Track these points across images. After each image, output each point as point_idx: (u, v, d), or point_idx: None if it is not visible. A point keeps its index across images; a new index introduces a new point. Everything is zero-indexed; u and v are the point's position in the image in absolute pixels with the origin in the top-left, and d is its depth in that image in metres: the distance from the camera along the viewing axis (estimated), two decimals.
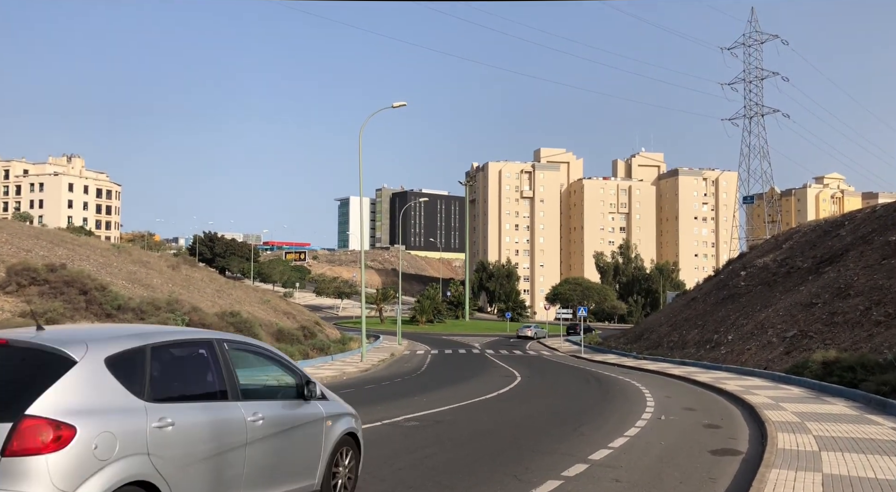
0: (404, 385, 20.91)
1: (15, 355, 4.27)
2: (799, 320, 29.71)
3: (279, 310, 47.48)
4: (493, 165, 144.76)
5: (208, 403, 5.04)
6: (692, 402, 17.04)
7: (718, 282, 48.77)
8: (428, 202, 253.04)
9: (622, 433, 11.25)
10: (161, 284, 35.92)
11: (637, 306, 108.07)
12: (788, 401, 16.08)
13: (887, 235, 33.82)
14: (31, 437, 3.79)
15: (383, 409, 13.68)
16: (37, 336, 4.45)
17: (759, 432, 11.93)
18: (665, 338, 43.84)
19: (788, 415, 13.46)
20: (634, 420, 13.03)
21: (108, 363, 4.37)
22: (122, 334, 4.83)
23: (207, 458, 4.81)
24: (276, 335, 37.52)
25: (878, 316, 25.35)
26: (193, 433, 4.73)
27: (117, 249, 41.21)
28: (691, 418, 13.70)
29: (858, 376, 18.27)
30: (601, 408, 15.20)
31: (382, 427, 11.04)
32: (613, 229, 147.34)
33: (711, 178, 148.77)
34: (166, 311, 27.36)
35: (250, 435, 5.22)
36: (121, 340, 4.65)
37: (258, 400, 5.50)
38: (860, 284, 29.45)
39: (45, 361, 4.19)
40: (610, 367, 33.31)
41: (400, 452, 9.06)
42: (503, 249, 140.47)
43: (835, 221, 45.85)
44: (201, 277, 44.45)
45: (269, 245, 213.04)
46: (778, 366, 25.30)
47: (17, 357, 4.28)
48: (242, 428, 5.16)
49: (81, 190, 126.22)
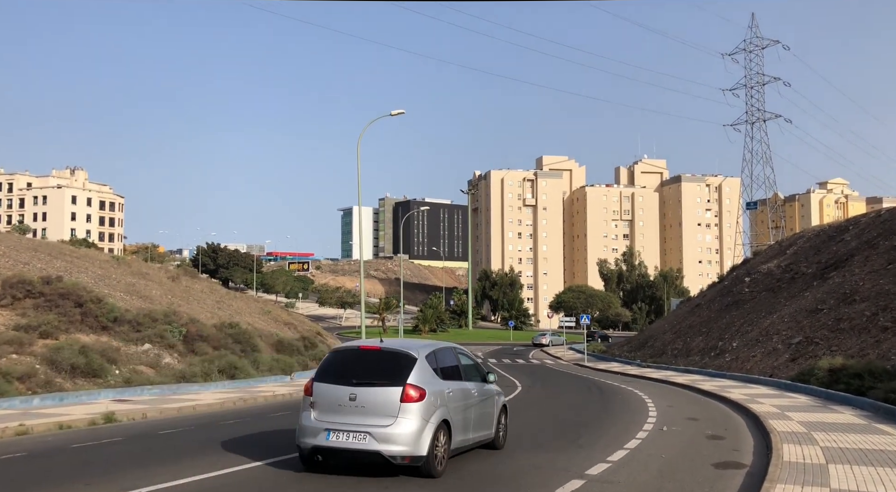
0: None
1: (387, 355, 8.36)
2: (804, 327, 29.27)
3: (280, 320, 47.12)
4: (496, 173, 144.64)
5: (457, 381, 9.16)
6: (695, 411, 16.65)
7: (722, 288, 48.31)
8: (431, 211, 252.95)
9: (622, 445, 10.88)
10: (160, 296, 35.64)
11: (641, 314, 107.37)
12: (794, 410, 15.68)
13: (893, 240, 33.40)
14: (410, 394, 7.88)
15: None
16: (387, 345, 8.56)
17: (765, 444, 11.55)
18: (669, 345, 43.38)
19: (794, 425, 13.07)
20: (635, 431, 12.66)
21: (426, 359, 8.54)
22: (422, 344, 8.94)
23: (461, 410, 8.95)
24: (276, 346, 37.16)
25: (885, 321, 24.91)
26: (457, 396, 8.89)
27: (117, 261, 40.99)
28: (694, 429, 13.32)
29: (866, 384, 17.88)
30: (601, 418, 14.82)
31: None
32: (617, 237, 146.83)
33: (714, 184, 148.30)
34: (163, 322, 27.06)
35: (472, 400, 9.36)
36: (425, 347, 8.80)
37: (471, 381, 9.63)
38: (866, 290, 29.02)
39: (404, 358, 8.26)
40: (613, 375, 32.88)
41: None
42: (506, 257, 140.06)
43: (839, 225, 45.43)
44: (201, 288, 44.15)
45: (273, 256, 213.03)
46: (783, 373, 24.87)
47: (389, 356, 8.36)
48: (470, 395, 9.36)
49: (85, 202, 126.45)
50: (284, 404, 17.72)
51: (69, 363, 18.36)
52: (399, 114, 31.55)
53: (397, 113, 31.52)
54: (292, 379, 25.84)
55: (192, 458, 9.24)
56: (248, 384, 22.35)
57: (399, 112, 31.54)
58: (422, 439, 7.87)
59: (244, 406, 16.59)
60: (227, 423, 13.24)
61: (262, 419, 14.02)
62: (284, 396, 19.29)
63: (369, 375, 8.16)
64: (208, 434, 11.72)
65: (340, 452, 7.92)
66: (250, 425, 12.94)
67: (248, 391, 19.80)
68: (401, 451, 7.78)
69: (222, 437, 11.19)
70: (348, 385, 8.06)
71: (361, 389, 8.01)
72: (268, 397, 18.45)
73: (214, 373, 23.22)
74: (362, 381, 8.06)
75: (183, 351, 26.31)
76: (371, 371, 8.23)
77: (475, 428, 9.34)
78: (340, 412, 7.99)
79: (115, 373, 20.12)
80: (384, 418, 7.85)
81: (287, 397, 19.24)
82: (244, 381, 22.99)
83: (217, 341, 29.24)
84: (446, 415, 8.39)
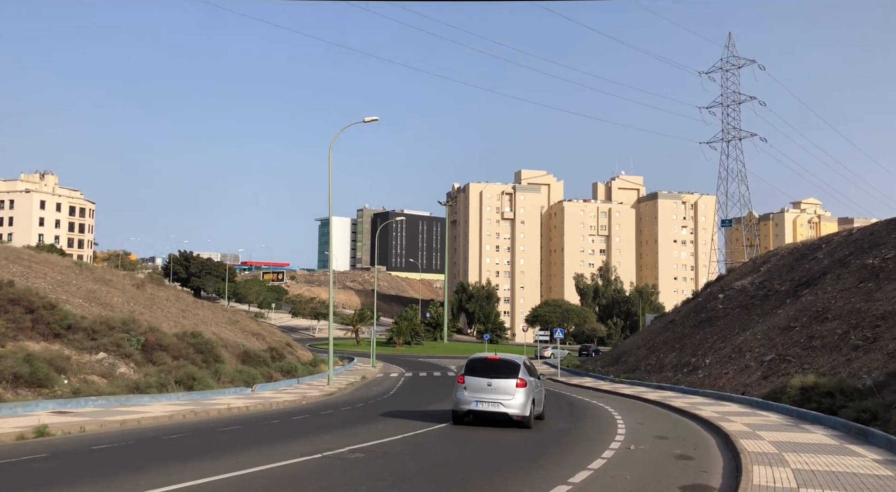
0: (365, 410, 19.81)
1: (505, 362, 15.25)
2: (777, 344, 29.09)
3: (248, 331, 46.04)
4: (475, 186, 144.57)
5: (534, 378, 16.19)
6: (665, 429, 16.15)
7: (696, 304, 48.26)
8: (410, 223, 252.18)
9: (586, 466, 10.31)
10: (122, 304, 34.49)
11: (616, 328, 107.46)
12: (766, 429, 15.26)
13: (864, 259, 33.51)
14: (520, 383, 14.83)
15: (331, 438, 12.59)
16: (502, 356, 15.71)
17: (734, 464, 11.06)
18: (643, 361, 43.08)
19: (765, 445, 12.62)
20: (602, 450, 12.10)
21: (523, 364, 15.51)
22: (519, 357, 15.99)
23: (537, 393, 16.03)
24: (242, 357, 36.15)
25: (856, 340, 24.78)
26: (534, 385, 15.78)
27: (79, 267, 39.71)
28: (663, 448, 12.80)
29: (837, 403, 17.61)
30: (570, 438, 14.25)
31: (321, 461, 9.95)
32: (594, 252, 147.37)
33: (690, 201, 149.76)
34: (121, 330, 26.03)
35: (539, 388, 16.66)
36: (521, 358, 15.89)
37: (536, 378, 16.33)
38: (838, 308, 28.96)
39: (514, 363, 15.19)
40: (585, 390, 32.39)
41: (331, 490, 8.03)
42: (484, 270, 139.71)
43: (812, 244, 45.68)
44: (167, 296, 42.95)
45: (248, 265, 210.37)
46: (756, 391, 24.58)
47: (506, 362, 15.23)
48: (538, 385, 16.65)
49: (54, 208, 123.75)
50: (239, 417, 16.81)
51: (11, 372, 17.37)
52: (372, 120, 31.04)
53: (370, 120, 31.00)
54: (254, 391, 24.92)
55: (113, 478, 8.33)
56: (205, 396, 21.44)
57: (372, 119, 31.03)
58: (526, 407, 14.86)
59: (194, 420, 15.74)
60: (170, 437, 12.42)
61: (208, 435, 13.20)
62: (240, 409, 18.39)
63: (497, 373, 14.94)
64: (145, 450, 10.92)
65: (484, 413, 14.99)
66: (193, 442, 12.13)
67: (202, 404, 18.90)
68: (516, 413, 14.74)
69: (161, 453, 10.40)
70: (486, 377, 14.95)
71: (494, 379, 14.88)
72: (222, 410, 17.55)
73: (171, 384, 22.27)
74: (493, 376, 14.91)
75: (141, 361, 25.29)
76: (498, 370, 14.98)
77: (538, 404, 16.25)
78: (482, 392, 14.90)
79: (64, 383, 19.12)
80: (507, 396, 14.75)
81: (243, 411, 18.34)
82: (202, 392, 22.08)
83: (178, 351, 28.22)
84: (534, 395, 15.53)
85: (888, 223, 36.61)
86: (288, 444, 11.56)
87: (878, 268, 30.98)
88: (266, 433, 13.60)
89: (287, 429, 14.49)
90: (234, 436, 13.04)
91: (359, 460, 10.08)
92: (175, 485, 7.84)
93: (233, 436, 13.03)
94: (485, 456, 11.09)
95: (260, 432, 13.71)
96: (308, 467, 9.42)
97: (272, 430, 14.32)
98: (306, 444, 11.53)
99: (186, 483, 7.90)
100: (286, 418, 16.53)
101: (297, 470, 9.06)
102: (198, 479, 8.14)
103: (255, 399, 21.11)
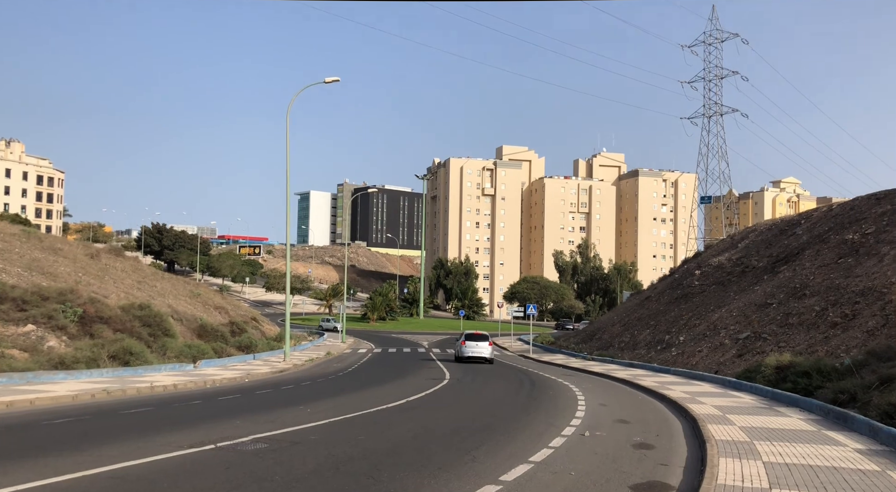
0: (309, 389, 18.26)
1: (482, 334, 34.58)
2: (753, 321, 27.98)
3: (210, 304, 44.23)
4: (455, 161, 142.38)
5: None
6: (629, 412, 14.82)
7: (672, 281, 47.21)
8: (391, 199, 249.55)
9: (527, 458, 8.87)
10: (68, 274, 32.51)
11: (595, 306, 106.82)
12: (737, 412, 13.98)
13: (843, 234, 32.44)
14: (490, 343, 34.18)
15: (243, 423, 10.99)
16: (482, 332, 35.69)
17: (700, 455, 9.70)
18: (617, 338, 42.03)
19: (736, 431, 11.29)
20: (552, 437, 10.68)
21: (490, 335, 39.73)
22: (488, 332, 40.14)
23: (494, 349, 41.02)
24: (198, 331, 34.45)
25: (834, 317, 23.67)
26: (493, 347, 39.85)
27: (27, 235, 37.50)
28: (621, 434, 11.42)
29: (814, 383, 16.43)
30: (518, 420, 12.81)
31: (208, 454, 8.35)
32: (574, 229, 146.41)
33: (671, 179, 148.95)
34: (56, 301, 24.20)
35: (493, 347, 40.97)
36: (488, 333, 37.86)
37: None
38: (816, 284, 27.88)
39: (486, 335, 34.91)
40: (554, 368, 31.18)
41: None
42: (463, 246, 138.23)
43: (791, 219, 44.67)
44: (123, 267, 40.94)
45: (226, 239, 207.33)
46: (729, 369, 23.44)
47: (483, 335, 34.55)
48: None
49: (20, 176, 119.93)
50: (158, 398, 14.92)
51: None
52: (333, 81, 29.21)
53: (331, 80, 29.17)
54: (196, 367, 23.27)
55: None
56: (135, 373, 19.76)
57: (333, 79, 29.20)
58: (492, 354, 33.63)
59: (104, 400, 14.07)
60: (51, 423, 10.69)
61: (103, 419, 11.44)
62: (166, 388, 16.63)
63: (480, 339, 33.02)
64: (16, 438, 9.28)
65: (473, 358, 32.62)
66: (76, 427, 10.40)
67: (126, 381, 17.22)
68: (488, 356, 33.07)
69: (17, 443, 8.76)
70: (474, 341, 32.70)
71: (478, 342, 32.83)
72: (142, 389, 15.82)
73: (103, 359, 20.59)
74: (478, 340, 32.98)
75: (76, 334, 23.49)
76: (481, 337, 33.14)
77: None
78: (472, 348, 32.56)
79: None
80: (484, 349, 32.83)
81: (169, 390, 16.50)
82: (136, 369, 20.41)
83: (121, 324, 26.43)
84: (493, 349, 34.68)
85: (869, 198, 35.54)
86: (184, 431, 9.93)
87: (858, 243, 29.90)
88: (172, 417, 11.90)
89: (200, 411, 12.76)
90: (132, 420, 11.39)
91: (256, 452, 8.51)
92: None
93: (130, 420, 11.38)
94: (412, 445, 9.57)
95: (166, 416, 11.98)
96: (185, 462, 7.83)
97: (182, 412, 12.61)
98: (207, 431, 9.94)
99: (6, 489, 6.29)
100: (211, 399, 14.85)
101: (168, 467, 7.47)
102: (25, 483, 6.53)
103: (193, 376, 19.48)
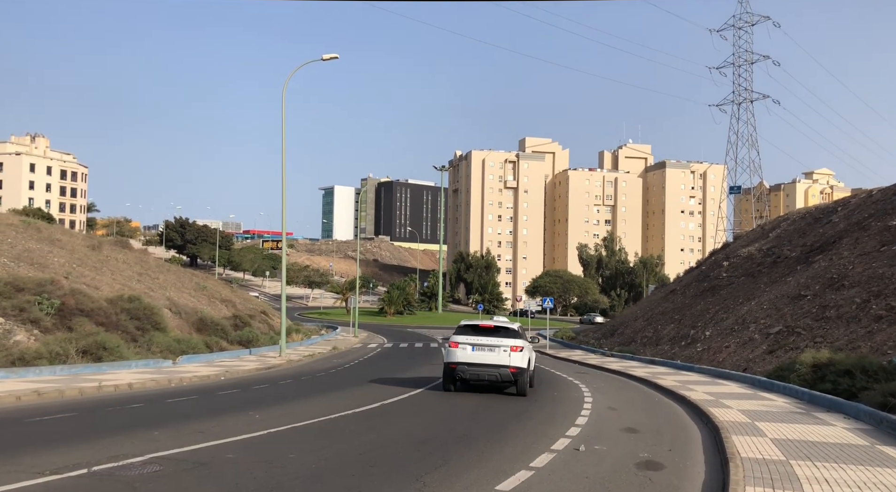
0: (282, 389, 16.46)
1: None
2: (785, 314, 25.60)
3: (216, 297, 42.95)
4: (477, 153, 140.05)
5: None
6: (640, 418, 12.77)
7: (699, 273, 44.71)
8: (414, 193, 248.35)
9: (493, 486, 6.93)
10: (61, 265, 31.32)
11: (619, 300, 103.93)
12: (769, 419, 11.87)
13: (886, 220, 29.80)
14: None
15: (157, 435, 8.97)
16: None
17: (720, 479, 7.67)
18: (639, 333, 39.75)
19: (767, 445, 9.23)
20: (538, 453, 8.73)
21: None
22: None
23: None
24: (197, 325, 33.07)
25: (878, 310, 21.25)
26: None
27: (25, 225, 36.49)
28: (625, 448, 9.40)
29: (858, 383, 14.23)
30: (505, 429, 10.85)
31: (74, 481, 6.46)
32: (599, 222, 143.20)
33: (699, 171, 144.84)
34: (32, 293, 22.84)
35: None
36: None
37: None
38: (856, 274, 25.38)
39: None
40: (569, 365, 29.11)
41: None
42: (485, 240, 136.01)
43: (826, 207, 41.90)
44: (125, 258, 39.79)
45: (251, 233, 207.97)
46: (759, 367, 21.20)
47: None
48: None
49: (44, 171, 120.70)
50: (97, 400, 12.94)
51: None
52: (331, 58, 27.52)
53: (329, 57, 27.51)
54: (175, 364, 21.66)
55: None
56: (98, 370, 18.19)
57: (331, 56, 27.54)
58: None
59: (29, 403, 12.29)
60: None
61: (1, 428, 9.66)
62: (118, 387, 14.79)
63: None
64: None
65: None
66: None
67: (77, 379, 15.58)
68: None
69: None
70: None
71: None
72: (88, 389, 13.95)
73: (72, 355, 19.09)
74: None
75: (51, 327, 22.07)
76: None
77: None
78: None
79: None
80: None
81: (122, 391, 14.62)
82: (105, 365, 18.88)
83: (104, 317, 24.99)
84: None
85: None
86: (71, 448, 7.94)
87: None
88: (81, 427, 9.89)
89: (124, 418, 10.78)
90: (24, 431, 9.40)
91: (139, 478, 6.59)
92: None
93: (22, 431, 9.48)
94: (348, 468, 7.52)
95: (74, 426, 9.97)
96: None
97: (101, 420, 10.65)
98: (101, 447, 8.03)
99: None
100: (156, 402, 12.96)
101: None
102: None
103: (160, 374, 17.84)
